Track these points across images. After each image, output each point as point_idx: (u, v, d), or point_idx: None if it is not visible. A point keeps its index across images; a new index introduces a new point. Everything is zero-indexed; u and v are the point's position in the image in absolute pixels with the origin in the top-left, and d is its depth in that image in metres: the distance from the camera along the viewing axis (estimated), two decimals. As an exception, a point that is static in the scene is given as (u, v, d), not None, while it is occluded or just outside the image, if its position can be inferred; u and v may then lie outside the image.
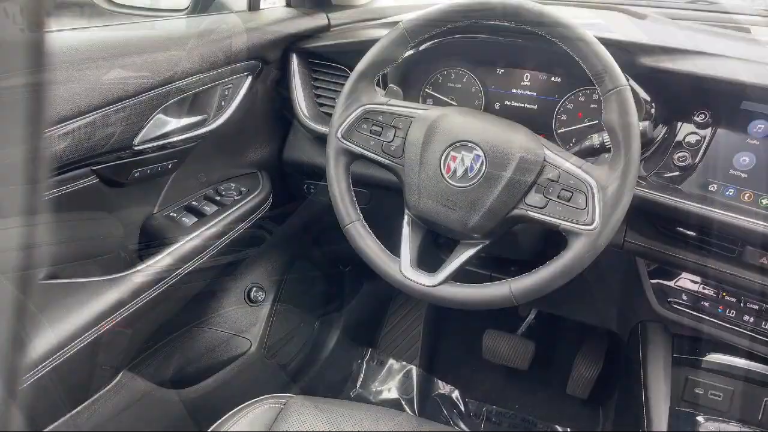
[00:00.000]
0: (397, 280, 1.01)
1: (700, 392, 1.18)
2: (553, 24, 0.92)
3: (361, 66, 1.06)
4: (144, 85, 1.04)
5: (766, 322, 1.09)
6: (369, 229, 1.05)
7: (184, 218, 1.24)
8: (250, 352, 1.57)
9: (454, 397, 1.99)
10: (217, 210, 1.28)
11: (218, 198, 1.32)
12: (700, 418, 1.03)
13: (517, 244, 1.26)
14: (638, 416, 1.13)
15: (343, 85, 1.08)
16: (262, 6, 1.38)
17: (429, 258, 1.08)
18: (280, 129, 1.48)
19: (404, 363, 2.06)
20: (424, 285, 0.98)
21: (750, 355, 1.16)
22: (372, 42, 1.06)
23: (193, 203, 1.29)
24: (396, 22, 1.04)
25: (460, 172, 0.97)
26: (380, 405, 1.24)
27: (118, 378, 1.20)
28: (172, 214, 1.25)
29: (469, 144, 0.97)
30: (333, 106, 1.09)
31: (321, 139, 1.31)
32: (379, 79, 1.25)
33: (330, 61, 1.36)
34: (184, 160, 1.23)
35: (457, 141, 0.98)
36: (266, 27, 1.30)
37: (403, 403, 1.97)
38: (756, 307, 1.09)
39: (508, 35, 1.20)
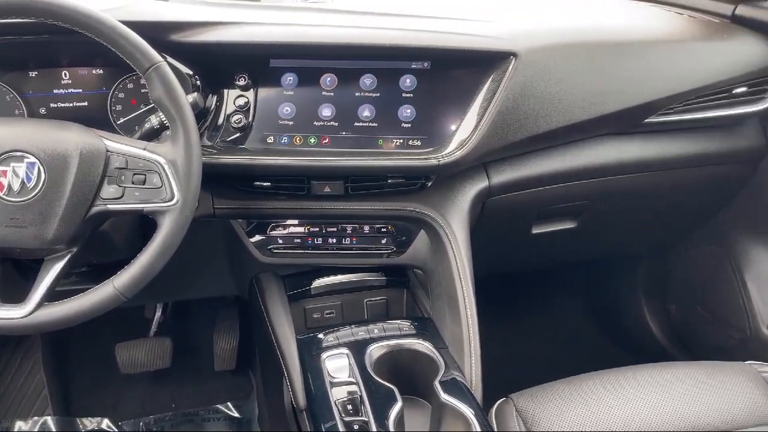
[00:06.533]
0: None
1: (318, 316, 1.36)
2: (67, 13, 0.88)
3: None
4: None
5: (344, 239, 1.30)
6: None
7: None
8: None
9: (105, 428, 1.84)
10: None
11: None
12: (320, 335, 1.18)
13: (114, 244, 1.21)
14: (278, 362, 1.23)
15: None
16: None
17: (17, 290, 0.96)
18: None
19: (36, 418, 1.81)
20: (15, 318, 0.88)
21: (346, 270, 1.37)
22: None
23: None
24: None
25: (16, 186, 0.88)
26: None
27: None
28: None
29: (17, 153, 0.89)
30: None
31: None
32: None
33: None
34: None
35: (2, 153, 0.88)
36: None
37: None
38: (335, 228, 1.29)
39: (28, 32, 1.10)
